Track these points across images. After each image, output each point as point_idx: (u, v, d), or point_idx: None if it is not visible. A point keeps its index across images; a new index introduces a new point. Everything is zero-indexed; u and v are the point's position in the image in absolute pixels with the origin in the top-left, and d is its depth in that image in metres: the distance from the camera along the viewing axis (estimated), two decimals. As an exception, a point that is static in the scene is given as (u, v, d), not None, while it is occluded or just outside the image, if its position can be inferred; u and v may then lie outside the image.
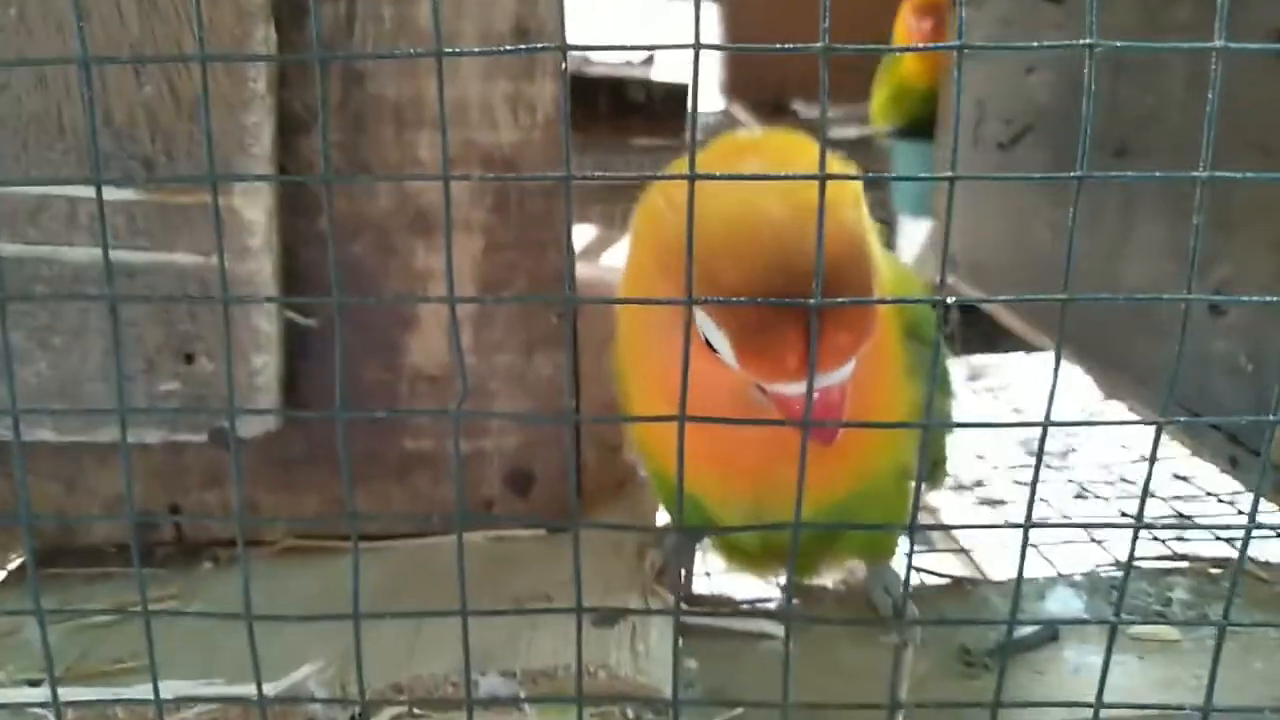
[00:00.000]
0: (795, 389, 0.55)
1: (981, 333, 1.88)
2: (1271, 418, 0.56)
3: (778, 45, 0.50)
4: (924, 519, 1.23)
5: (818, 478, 0.68)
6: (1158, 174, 0.55)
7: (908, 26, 2.56)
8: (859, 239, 0.56)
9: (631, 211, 0.66)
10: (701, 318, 0.56)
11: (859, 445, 0.67)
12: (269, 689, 0.68)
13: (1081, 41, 0.51)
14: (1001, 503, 1.25)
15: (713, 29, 4.20)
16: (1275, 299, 0.55)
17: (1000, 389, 1.73)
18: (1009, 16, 1.39)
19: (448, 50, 0.48)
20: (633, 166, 3.32)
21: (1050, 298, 0.56)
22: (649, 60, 4.15)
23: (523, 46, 0.62)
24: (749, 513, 0.71)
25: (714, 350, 0.57)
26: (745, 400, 0.59)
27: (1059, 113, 1.25)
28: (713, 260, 0.54)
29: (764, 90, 3.72)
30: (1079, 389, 1.43)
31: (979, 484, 1.32)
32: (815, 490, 0.69)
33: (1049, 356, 1.71)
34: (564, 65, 0.50)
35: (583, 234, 3.10)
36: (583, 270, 2.05)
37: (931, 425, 0.54)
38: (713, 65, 4.23)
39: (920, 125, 2.48)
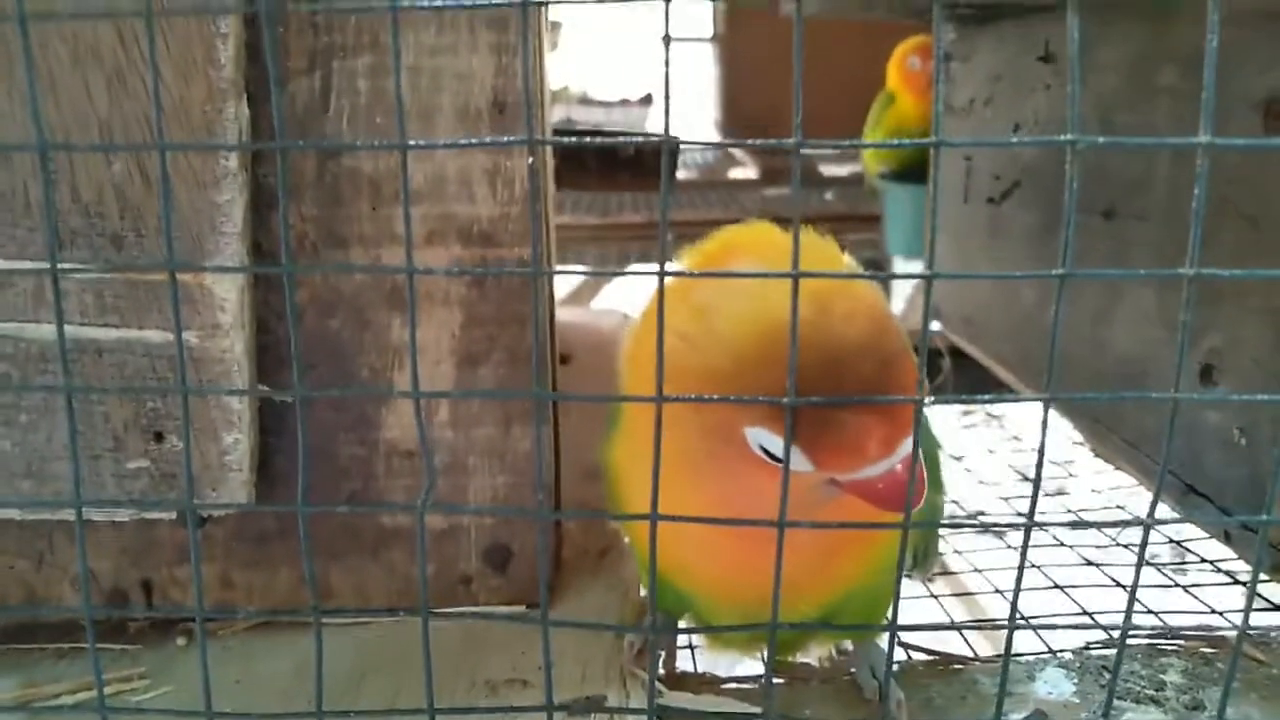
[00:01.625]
0: (873, 470, 0.55)
1: (974, 382, 1.87)
2: (1266, 518, 0.55)
3: (750, 140, 0.50)
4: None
5: (821, 578, 0.67)
6: (1142, 271, 0.54)
7: (907, 67, 2.55)
8: (899, 332, 0.57)
9: (625, 254, 0.66)
10: (756, 433, 0.55)
11: (863, 544, 0.66)
12: (234, 784, 0.66)
13: (1064, 138, 0.49)
14: (1001, 533, 1.23)
15: (709, 68, 4.23)
16: (1265, 397, 0.53)
17: (999, 418, 1.71)
18: (999, 72, 1.39)
19: (411, 143, 0.47)
20: (626, 206, 3.33)
21: (1035, 397, 0.54)
22: (647, 99, 4.17)
23: (488, 140, 0.61)
24: (742, 607, 0.69)
25: (772, 458, 0.56)
26: (808, 503, 0.57)
27: (1047, 170, 1.24)
28: (751, 372, 0.54)
29: (760, 130, 3.74)
30: (1080, 445, 1.42)
31: (980, 512, 1.31)
32: (817, 589, 0.68)
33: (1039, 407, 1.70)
34: (530, 160, 0.48)
35: (578, 276, 3.10)
36: (573, 315, 2.04)
37: (910, 526, 0.53)
38: (709, 104, 4.25)
39: (913, 167, 2.49)
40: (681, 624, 0.82)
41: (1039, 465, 0.53)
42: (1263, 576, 0.89)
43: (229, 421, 0.76)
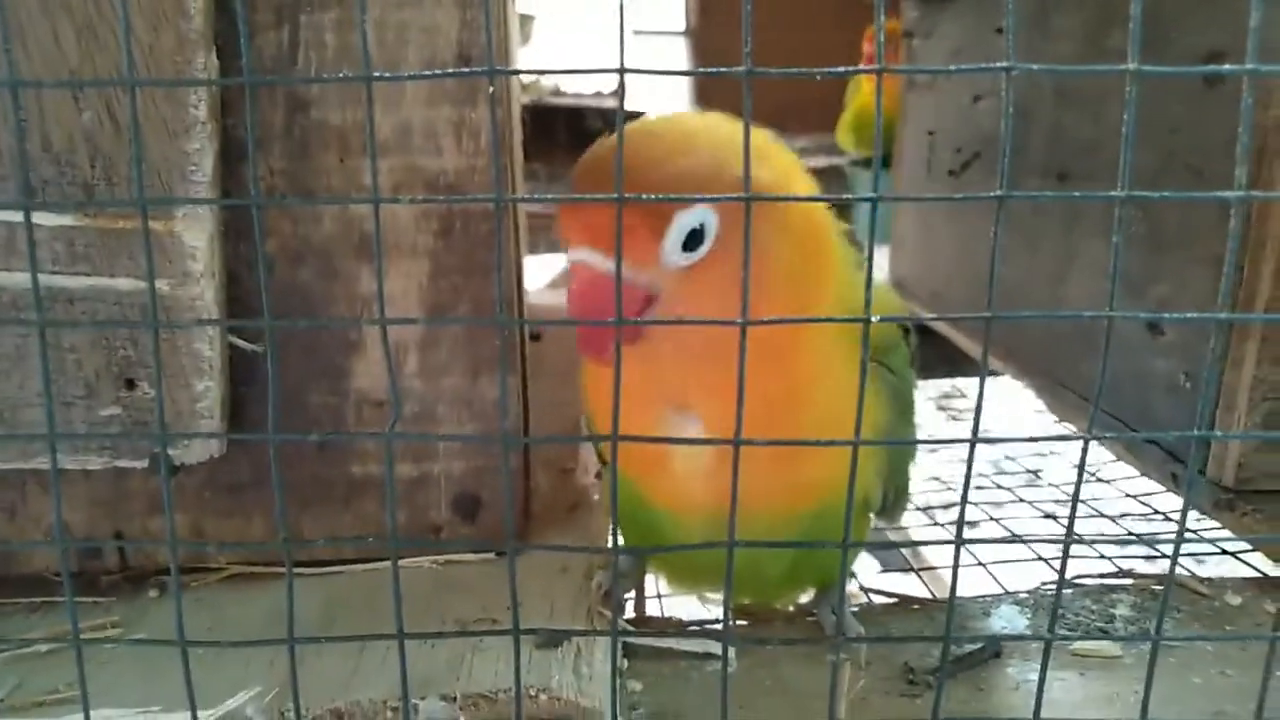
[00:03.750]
0: (579, 257, 0.59)
1: (942, 356, 1.89)
2: (1197, 433, 0.57)
3: (701, 69, 0.52)
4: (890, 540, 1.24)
5: (777, 489, 0.69)
6: (1076, 194, 0.56)
7: (870, 53, 2.61)
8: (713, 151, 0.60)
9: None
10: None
11: (822, 463, 0.67)
12: (206, 716, 0.67)
13: (1000, 65, 0.52)
14: (972, 524, 1.26)
15: (681, 61, 4.26)
16: (1194, 315, 0.56)
17: (968, 412, 1.74)
18: (960, 47, 1.42)
19: (377, 75, 0.48)
20: (600, 196, 3.33)
21: (976, 315, 0.57)
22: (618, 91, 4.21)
23: (450, 71, 0.63)
24: (706, 525, 0.71)
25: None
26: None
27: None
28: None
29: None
30: (1042, 414, 1.46)
31: (950, 505, 1.34)
32: (775, 505, 0.69)
33: (1009, 381, 1.73)
34: (491, 88, 0.50)
35: (552, 264, 3.11)
36: (546, 297, 2.05)
37: (859, 444, 0.55)
38: (682, 94, 4.28)
39: (883, 154, 2.52)
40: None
41: (981, 382, 0.55)
42: (1208, 522, 0.92)
43: (199, 369, 0.77)
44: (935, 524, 1.29)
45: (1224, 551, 0.98)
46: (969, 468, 0.56)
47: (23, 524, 0.84)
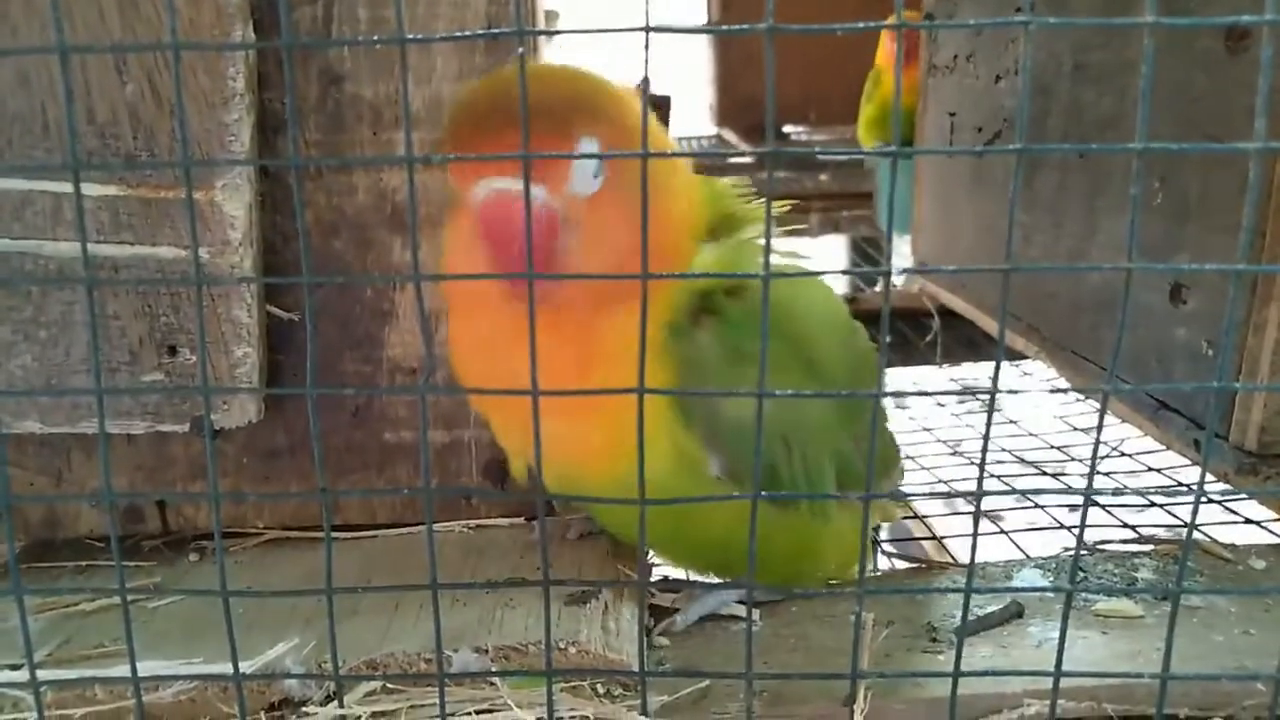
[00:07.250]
0: (494, 186, 0.59)
1: (964, 340, 1.90)
2: (1216, 384, 0.58)
3: (724, 27, 0.53)
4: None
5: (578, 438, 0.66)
6: (1094, 145, 0.57)
7: (889, 52, 2.61)
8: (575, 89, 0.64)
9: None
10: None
11: (607, 412, 0.63)
12: (245, 668, 0.69)
13: (1018, 18, 0.53)
14: (999, 516, 1.26)
15: (704, 57, 4.27)
16: (1213, 267, 0.56)
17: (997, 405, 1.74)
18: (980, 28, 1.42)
19: (410, 37, 0.50)
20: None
21: (994, 268, 0.58)
22: (643, 83, 4.24)
23: (480, 32, 0.65)
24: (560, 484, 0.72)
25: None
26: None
27: (1029, 117, 1.28)
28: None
29: (754, 115, 3.77)
30: (1061, 391, 1.46)
31: (969, 486, 1.34)
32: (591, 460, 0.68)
33: (1033, 365, 1.73)
34: (520, 49, 0.52)
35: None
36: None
37: (883, 395, 0.56)
38: (704, 92, 4.30)
39: (904, 143, 2.53)
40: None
41: (1001, 329, 0.56)
42: (1229, 489, 0.92)
43: (238, 335, 0.79)
44: (956, 512, 1.29)
45: (1248, 520, 0.98)
46: (989, 419, 0.58)
47: (67, 489, 0.87)
